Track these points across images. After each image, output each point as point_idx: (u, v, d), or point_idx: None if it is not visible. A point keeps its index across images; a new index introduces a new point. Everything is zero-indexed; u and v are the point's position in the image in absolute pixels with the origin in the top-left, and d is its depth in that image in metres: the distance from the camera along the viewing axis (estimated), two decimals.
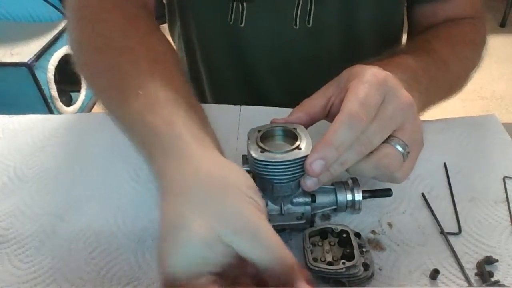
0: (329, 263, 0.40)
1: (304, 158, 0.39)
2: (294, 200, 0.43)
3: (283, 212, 0.43)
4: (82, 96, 1.89)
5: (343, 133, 0.37)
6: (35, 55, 1.59)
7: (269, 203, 0.43)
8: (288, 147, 0.40)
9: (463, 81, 0.60)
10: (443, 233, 0.45)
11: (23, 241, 0.46)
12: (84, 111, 1.91)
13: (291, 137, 0.42)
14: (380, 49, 0.53)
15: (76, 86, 1.85)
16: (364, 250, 0.41)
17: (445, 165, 0.54)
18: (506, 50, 2.42)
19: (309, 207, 0.43)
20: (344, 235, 0.42)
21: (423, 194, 0.50)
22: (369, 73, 0.40)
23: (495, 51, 2.35)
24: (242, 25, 0.64)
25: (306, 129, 0.42)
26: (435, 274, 0.41)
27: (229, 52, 0.68)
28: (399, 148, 0.40)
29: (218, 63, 0.71)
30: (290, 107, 0.63)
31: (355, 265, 0.39)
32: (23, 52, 1.61)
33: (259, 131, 0.42)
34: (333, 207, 0.45)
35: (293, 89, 0.71)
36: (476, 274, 0.42)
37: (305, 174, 0.39)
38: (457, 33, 0.60)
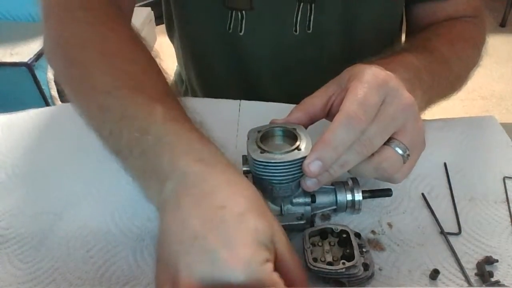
0: (329, 263, 0.40)
1: (303, 158, 0.39)
2: (294, 200, 0.43)
3: (283, 212, 0.43)
4: None
5: (341, 134, 0.37)
6: (35, 55, 1.58)
7: (269, 203, 0.43)
8: (288, 147, 0.40)
9: (464, 79, 0.60)
10: (443, 233, 0.45)
11: (22, 241, 0.46)
12: None
13: (291, 138, 0.42)
14: (379, 52, 0.53)
15: None
16: (364, 250, 0.41)
17: (445, 165, 0.54)
18: (506, 50, 2.42)
19: (309, 208, 0.43)
20: (344, 235, 0.42)
21: (423, 194, 0.50)
22: (369, 73, 0.39)
23: (495, 51, 2.35)
24: (241, 33, 0.64)
25: (305, 128, 0.42)
26: (435, 274, 0.41)
27: (228, 60, 0.68)
28: (400, 151, 0.40)
29: (217, 71, 0.71)
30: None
31: (355, 265, 0.39)
32: (23, 52, 1.61)
33: (258, 132, 0.42)
34: (333, 207, 0.45)
35: (293, 95, 0.70)
36: (476, 274, 0.42)
37: (305, 176, 0.39)
38: (458, 32, 0.60)
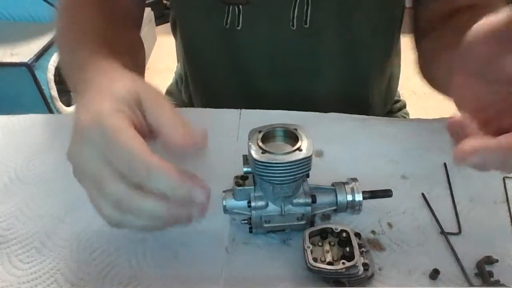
0: (329, 263, 0.40)
1: (304, 159, 0.39)
2: (294, 201, 0.43)
3: (283, 212, 0.43)
4: None
5: None
6: (35, 55, 1.59)
7: (270, 203, 0.43)
8: (289, 148, 0.40)
9: None
10: (443, 233, 0.46)
11: (23, 242, 0.46)
12: None
13: (292, 138, 0.42)
14: (377, 47, 0.51)
15: None
16: (364, 250, 0.41)
17: (445, 165, 0.54)
18: None
19: (309, 208, 0.44)
20: (344, 235, 0.42)
21: (423, 194, 0.50)
22: None
23: None
24: (239, 27, 0.64)
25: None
26: (435, 274, 0.41)
27: (226, 55, 0.68)
28: None
29: (214, 67, 0.71)
30: (288, 109, 0.63)
31: (355, 265, 0.39)
32: (23, 52, 1.61)
33: (260, 132, 0.42)
34: (333, 208, 0.45)
35: (291, 90, 0.71)
36: (476, 274, 0.42)
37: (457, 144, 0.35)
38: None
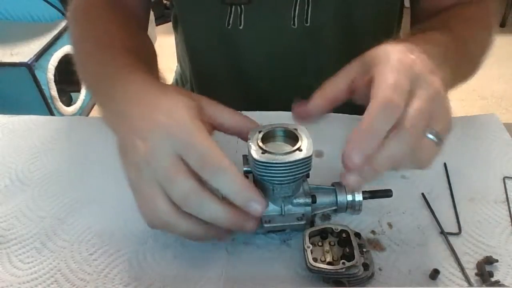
0: (329, 263, 0.40)
1: (304, 159, 0.39)
2: (294, 201, 0.43)
3: (283, 213, 0.43)
4: (82, 96, 1.89)
5: (380, 120, 0.35)
6: (35, 55, 1.59)
7: (270, 203, 0.43)
8: (289, 148, 0.40)
9: (479, 63, 0.58)
10: (443, 233, 0.46)
11: (24, 242, 0.46)
12: (84, 111, 1.91)
13: (292, 138, 0.42)
14: (378, 44, 0.51)
15: (76, 86, 1.85)
16: (364, 250, 0.41)
17: (445, 165, 0.54)
18: (506, 50, 2.42)
19: (309, 208, 0.44)
20: (344, 235, 0.42)
21: (423, 194, 0.50)
22: (395, 58, 0.38)
23: (495, 51, 2.34)
24: (241, 27, 0.64)
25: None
26: (435, 274, 0.41)
27: (227, 55, 0.68)
28: (434, 138, 0.38)
29: (215, 67, 0.71)
30: (288, 109, 0.63)
31: (355, 265, 0.39)
32: (23, 52, 1.61)
33: (260, 132, 0.42)
34: (333, 208, 0.45)
35: (292, 89, 0.71)
36: (476, 274, 0.42)
37: (345, 171, 0.36)
38: (471, 15, 0.58)
